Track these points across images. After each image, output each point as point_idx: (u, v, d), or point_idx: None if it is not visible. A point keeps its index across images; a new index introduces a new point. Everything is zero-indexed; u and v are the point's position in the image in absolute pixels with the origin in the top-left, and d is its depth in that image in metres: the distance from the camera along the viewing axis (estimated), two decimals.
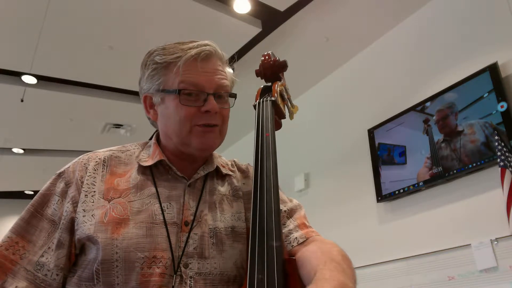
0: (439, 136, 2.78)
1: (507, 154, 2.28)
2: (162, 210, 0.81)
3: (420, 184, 2.81)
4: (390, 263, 2.87)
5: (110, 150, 0.90)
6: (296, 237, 0.84)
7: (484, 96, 2.55)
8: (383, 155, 3.16)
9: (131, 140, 1.03)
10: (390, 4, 3.16)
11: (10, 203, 7.28)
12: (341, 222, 3.30)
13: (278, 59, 1.05)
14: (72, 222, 0.78)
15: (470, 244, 2.44)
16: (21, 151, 5.38)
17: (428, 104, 2.90)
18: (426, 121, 2.89)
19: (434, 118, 2.84)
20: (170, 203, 0.82)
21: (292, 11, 3.25)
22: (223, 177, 0.94)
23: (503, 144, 2.32)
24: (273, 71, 1.05)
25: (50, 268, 0.76)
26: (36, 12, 3.02)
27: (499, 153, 2.29)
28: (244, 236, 0.85)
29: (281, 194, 0.91)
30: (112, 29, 3.31)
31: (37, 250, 0.77)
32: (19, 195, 7.12)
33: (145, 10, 3.13)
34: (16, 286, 0.73)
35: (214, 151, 0.93)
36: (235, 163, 1.00)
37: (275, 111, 0.96)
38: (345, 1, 3.15)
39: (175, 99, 0.83)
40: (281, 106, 0.99)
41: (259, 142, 0.85)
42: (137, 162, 0.88)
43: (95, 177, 0.83)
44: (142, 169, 0.86)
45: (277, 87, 1.00)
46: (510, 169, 2.24)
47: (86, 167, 0.84)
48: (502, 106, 2.43)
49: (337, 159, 3.63)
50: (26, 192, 7.05)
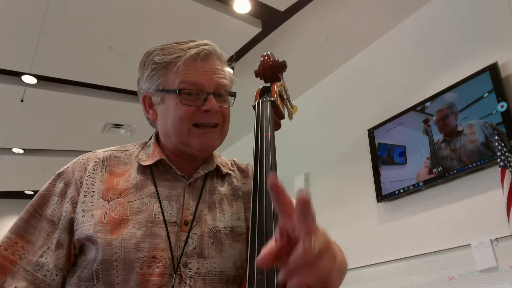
0: (439, 136, 2.78)
1: (507, 154, 2.28)
2: (162, 210, 0.80)
3: (420, 184, 2.81)
4: (390, 263, 2.87)
5: (110, 150, 0.90)
6: None
7: (484, 96, 2.55)
8: (383, 155, 3.16)
9: (131, 140, 1.03)
10: (390, 4, 3.16)
11: (10, 203, 7.27)
12: (341, 222, 3.30)
13: (277, 60, 1.05)
14: (72, 222, 0.78)
15: (470, 244, 2.44)
16: (21, 151, 5.38)
17: (428, 104, 2.90)
18: (426, 121, 2.89)
19: (434, 118, 2.84)
20: (170, 203, 0.82)
21: (292, 11, 3.25)
22: (223, 177, 0.93)
23: (503, 144, 2.32)
24: (272, 72, 1.05)
25: (50, 268, 0.76)
26: (36, 12, 3.02)
27: (499, 153, 2.29)
28: (244, 236, 0.85)
29: None
30: (112, 29, 3.31)
31: (37, 251, 0.77)
32: (19, 195, 7.12)
33: (145, 10, 3.13)
34: (16, 286, 0.73)
35: (214, 151, 0.93)
36: (235, 163, 1.00)
37: (274, 112, 0.96)
38: (345, 1, 3.15)
39: (175, 99, 0.83)
40: (280, 107, 0.99)
41: (259, 143, 0.85)
42: (137, 162, 0.88)
43: (94, 177, 0.83)
44: (142, 169, 0.86)
45: (276, 88, 1.00)
46: (510, 169, 2.24)
47: (85, 167, 0.84)
48: (502, 106, 2.43)
49: (337, 159, 3.63)
50: (26, 192, 7.05)
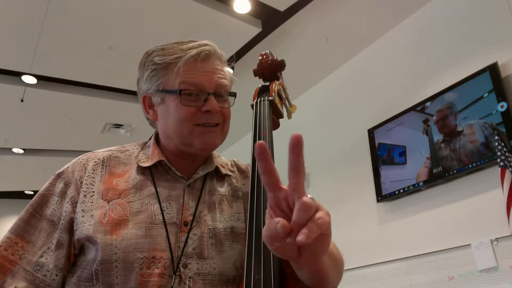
0: (439, 136, 2.78)
1: (507, 154, 2.28)
2: (162, 210, 0.80)
3: (420, 184, 2.81)
4: (390, 263, 2.87)
5: (109, 150, 0.90)
6: None
7: (484, 96, 2.55)
8: (383, 155, 3.16)
9: (131, 140, 1.03)
10: (390, 4, 3.16)
11: (10, 203, 7.27)
12: (341, 222, 3.29)
13: (276, 59, 1.05)
14: (71, 223, 0.78)
15: (470, 244, 2.44)
16: (21, 151, 5.38)
17: (428, 104, 2.90)
18: (426, 121, 2.89)
19: (434, 118, 2.84)
20: (170, 203, 0.82)
21: (292, 11, 3.25)
22: (223, 177, 0.93)
23: (503, 144, 2.31)
24: (271, 71, 1.05)
25: (50, 269, 0.76)
26: (36, 12, 3.02)
27: (499, 153, 2.29)
28: (244, 237, 0.84)
29: None
30: (112, 29, 3.31)
31: (37, 251, 0.77)
32: (19, 195, 7.12)
33: (145, 10, 3.13)
34: (16, 287, 0.73)
35: (214, 151, 0.93)
36: (235, 163, 1.00)
37: (273, 111, 0.96)
38: (345, 1, 3.15)
39: (176, 100, 0.83)
40: (279, 106, 0.99)
41: (257, 142, 0.85)
42: (136, 163, 0.87)
43: (94, 177, 0.83)
44: (142, 169, 0.86)
45: (275, 87, 1.00)
46: (510, 169, 2.24)
47: (85, 167, 0.84)
48: (502, 106, 2.43)
49: (337, 159, 3.63)
50: (26, 192, 7.05)
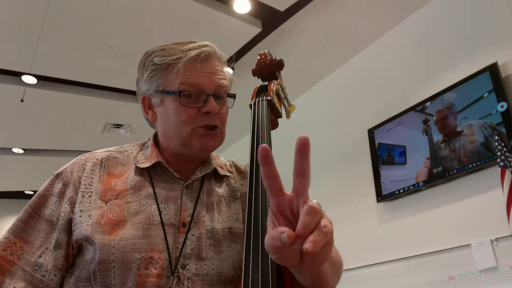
0: (439, 137, 2.77)
1: (507, 154, 2.27)
2: (160, 211, 0.80)
3: (420, 184, 2.81)
4: (390, 263, 2.87)
5: (108, 151, 0.90)
6: None
7: (484, 96, 2.55)
8: (383, 155, 3.16)
9: (131, 140, 1.03)
10: (390, 4, 3.16)
11: (10, 203, 7.27)
12: (341, 222, 3.29)
13: (275, 58, 1.05)
14: (70, 223, 0.78)
15: (470, 244, 2.44)
16: (21, 151, 5.38)
17: (428, 104, 2.90)
18: (426, 122, 2.89)
19: (434, 119, 2.84)
20: (168, 204, 0.82)
21: (292, 11, 3.25)
22: (221, 178, 0.93)
23: (503, 144, 2.31)
24: (270, 70, 1.05)
25: (48, 269, 0.76)
26: (36, 12, 3.02)
27: (499, 153, 2.29)
28: (242, 237, 0.84)
29: None
30: (112, 29, 3.31)
31: (35, 251, 0.77)
32: (19, 195, 7.12)
33: (145, 10, 3.13)
34: (14, 287, 0.73)
35: (212, 152, 0.93)
36: (234, 164, 1.00)
37: (271, 111, 0.96)
38: (345, 1, 3.15)
39: (175, 101, 0.82)
40: (278, 105, 0.99)
41: (255, 142, 0.85)
42: (134, 164, 0.87)
43: (92, 178, 0.83)
44: (140, 170, 0.86)
45: (273, 86, 0.99)
46: (510, 169, 2.24)
47: (84, 168, 0.84)
48: (502, 106, 2.43)
49: (337, 159, 3.62)
50: (26, 192, 7.05)
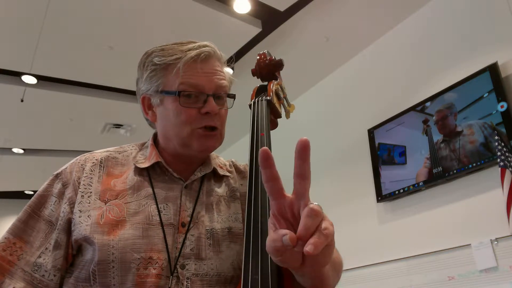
0: (439, 137, 2.77)
1: (507, 154, 2.27)
2: (159, 211, 0.80)
3: (420, 184, 2.81)
4: (390, 263, 2.87)
5: (107, 151, 0.90)
6: None
7: (484, 96, 2.55)
8: (383, 155, 3.16)
9: (131, 140, 1.03)
10: (390, 4, 3.16)
11: (10, 203, 7.27)
12: (341, 222, 3.29)
13: (274, 58, 1.05)
14: (69, 223, 0.78)
15: (470, 244, 2.44)
16: (21, 151, 5.37)
17: (428, 104, 2.90)
18: (426, 122, 2.89)
19: (434, 119, 2.84)
20: (167, 204, 0.82)
21: (292, 11, 3.25)
22: (221, 178, 0.93)
23: (503, 144, 2.31)
24: (269, 70, 1.04)
25: (48, 269, 0.76)
26: (36, 12, 3.02)
27: (499, 153, 2.29)
28: (241, 237, 0.84)
29: None
30: (112, 29, 3.31)
31: (35, 251, 0.77)
32: (19, 195, 7.12)
33: (145, 10, 3.13)
34: (14, 287, 0.73)
35: (213, 152, 0.93)
36: (233, 164, 1.00)
37: (271, 111, 0.96)
38: (345, 1, 3.15)
39: (175, 101, 0.82)
40: (277, 105, 0.99)
41: (254, 142, 0.84)
42: (134, 164, 0.87)
43: (92, 178, 0.83)
44: (139, 170, 0.86)
45: (273, 86, 0.99)
46: (510, 169, 2.24)
47: (83, 168, 0.84)
48: (502, 106, 2.43)
49: (337, 159, 3.62)
50: (26, 192, 7.05)
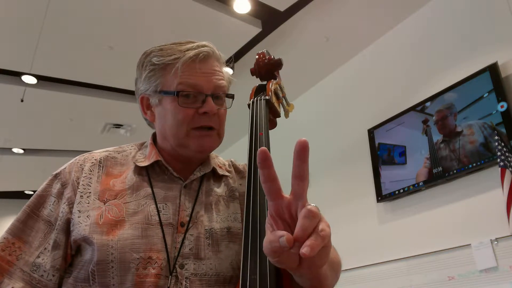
0: (438, 137, 2.77)
1: (507, 154, 2.27)
2: (158, 211, 0.80)
3: (420, 184, 2.81)
4: (390, 263, 2.87)
5: (107, 151, 0.90)
6: None
7: (484, 96, 2.55)
8: (383, 155, 3.16)
9: (131, 140, 1.03)
10: (390, 4, 3.16)
11: (10, 203, 7.27)
12: (341, 222, 3.29)
13: (273, 58, 1.04)
14: (68, 223, 0.78)
15: (470, 244, 2.44)
16: (21, 151, 5.38)
17: (428, 104, 2.90)
18: (425, 122, 2.89)
19: (434, 119, 2.84)
20: (166, 204, 0.82)
21: (292, 11, 3.25)
22: (220, 178, 0.93)
23: (503, 144, 2.31)
24: (268, 70, 1.04)
25: (47, 269, 0.76)
26: (36, 12, 3.02)
27: (499, 153, 2.29)
28: (240, 237, 0.83)
29: None
30: (112, 29, 3.31)
31: (33, 251, 0.77)
32: (19, 195, 7.12)
33: (145, 10, 3.13)
34: (13, 287, 0.73)
35: (212, 152, 0.93)
36: (232, 164, 1.00)
37: (270, 110, 0.96)
38: (345, 1, 3.15)
39: (173, 101, 0.82)
40: (276, 105, 0.99)
41: (253, 142, 0.84)
42: (133, 163, 0.87)
43: (91, 178, 0.83)
44: (138, 170, 0.86)
45: (272, 86, 0.99)
46: (510, 169, 2.24)
47: (82, 168, 0.84)
48: (502, 106, 2.42)
49: (337, 159, 3.62)
50: (26, 192, 7.05)
